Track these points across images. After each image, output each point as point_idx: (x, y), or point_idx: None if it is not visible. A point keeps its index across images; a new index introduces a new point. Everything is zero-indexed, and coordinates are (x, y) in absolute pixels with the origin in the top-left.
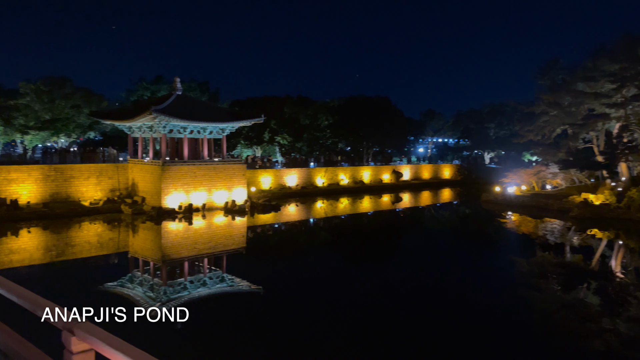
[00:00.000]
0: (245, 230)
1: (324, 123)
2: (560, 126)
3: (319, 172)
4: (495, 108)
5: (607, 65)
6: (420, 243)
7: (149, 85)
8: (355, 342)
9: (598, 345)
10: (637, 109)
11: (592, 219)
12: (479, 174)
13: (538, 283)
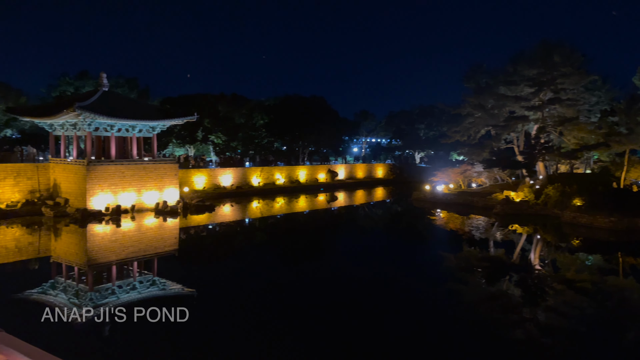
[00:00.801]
0: (178, 232)
1: (260, 122)
2: (485, 127)
3: (254, 172)
4: (424, 109)
5: (526, 70)
6: (355, 241)
7: (73, 80)
8: (290, 342)
9: (519, 334)
10: (553, 112)
11: (513, 215)
12: (410, 173)
13: (465, 277)
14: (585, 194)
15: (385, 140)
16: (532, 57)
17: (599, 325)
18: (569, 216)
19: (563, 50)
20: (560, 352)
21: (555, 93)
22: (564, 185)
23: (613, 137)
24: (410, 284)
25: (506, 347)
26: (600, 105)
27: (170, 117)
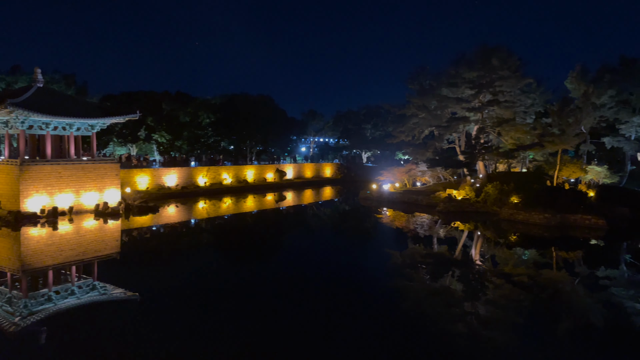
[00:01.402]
0: (119, 234)
1: (206, 121)
2: (428, 128)
3: (200, 172)
4: (371, 110)
5: (467, 73)
6: (303, 240)
7: (4, 76)
8: (236, 344)
9: (461, 328)
10: (491, 113)
11: (455, 212)
12: (358, 172)
13: (410, 273)
14: (521, 192)
15: (333, 140)
16: (472, 60)
17: (535, 316)
18: (506, 213)
19: (501, 54)
20: (500, 343)
21: (494, 95)
22: (502, 184)
23: (547, 138)
24: (357, 281)
25: (449, 341)
26: (535, 107)
27: (110, 115)
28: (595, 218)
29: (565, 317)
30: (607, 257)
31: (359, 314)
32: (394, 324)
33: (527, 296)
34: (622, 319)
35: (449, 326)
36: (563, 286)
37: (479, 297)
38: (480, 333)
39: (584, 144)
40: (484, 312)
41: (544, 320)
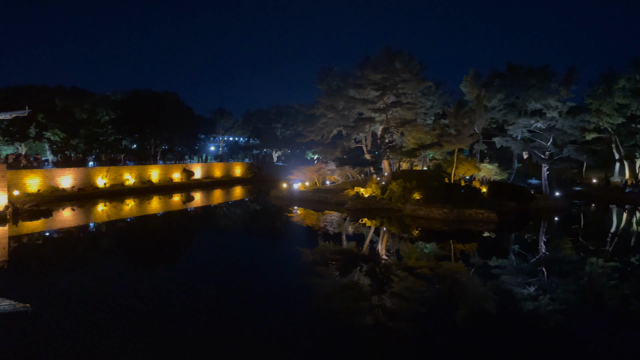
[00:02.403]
0: (7, 241)
1: (105, 118)
2: (337, 127)
3: (99, 172)
4: (281, 109)
5: (372, 75)
6: (212, 241)
7: None
8: (140, 354)
9: (369, 321)
10: (395, 114)
11: (363, 209)
12: (268, 171)
13: (320, 270)
14: (423, 189)
15: (243, 139)
16: (376, 62)
17: (436, 306)
18: (410, 209)
19: (403, 57)
20: (405, 333)
21: (397, 97)
22: (405, 181)
23: (444, 138)
24: (269, 280)
25: (358, 333)
26: (434, 109)
27: None
28: (488, 212)
29: (462, 305)
30: (498, 248)
31: (269, 312)
32: (305, 320)
33: (428, 287)
34: (512, 304)
35: (357, 319)
36: (460, 276)
37: (385, 290)
38: (387, 324)
39: (477, 144)
40: (390, 305)
41: (444, 309)
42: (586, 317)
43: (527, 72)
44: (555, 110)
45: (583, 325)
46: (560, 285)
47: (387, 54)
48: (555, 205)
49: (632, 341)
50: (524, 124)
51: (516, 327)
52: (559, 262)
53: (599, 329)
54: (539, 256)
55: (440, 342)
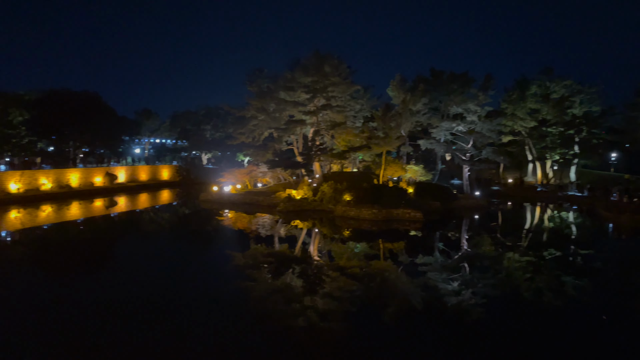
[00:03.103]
0: None
1: (18, 119)
2: (268, 130)
3: (12, 177)
4: (210, 110)
5: (302, 77)
6: (139, 247)
7: None
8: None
9: (302, 322)
10: (325, 117)
11: (295, 211)
12: (198, 174)
13: (252, 273)
14: (353, 190)
15: (170, 141)
16: (307, 65)
17: (366, 305)
18: (340, 210)
19: (332, 61)
20: (336, 333)
21: (327, 100)
22: (336, 183)
23: (373, 140)
24: (199, 285)
25: (290, 335)
26: (363, 112)
27: None
28: (414, 211)
29: (391, 302)
30: (424, 246)
31: (200, 318)
32: (237, 325)
33: (359, 286)
34: (437, 299)
35: (290, 321)
36: (389, 274)
37: (317, 291)
38: (319, 325)
39: (404, 146)
40: (321, 305)
41: (374, 307)
42: (504, 309)
43: (449, 77)
44: (474, 114)
45: (502, 317)
46: (481, 280)
47: (316, 57)
48: (475, 204)
49: (546, 330)
50: (446, 127)
51: (441, 321)
52: (479, 258)
53: (516, 320)
54: (461, 253)
55: (371, 339)
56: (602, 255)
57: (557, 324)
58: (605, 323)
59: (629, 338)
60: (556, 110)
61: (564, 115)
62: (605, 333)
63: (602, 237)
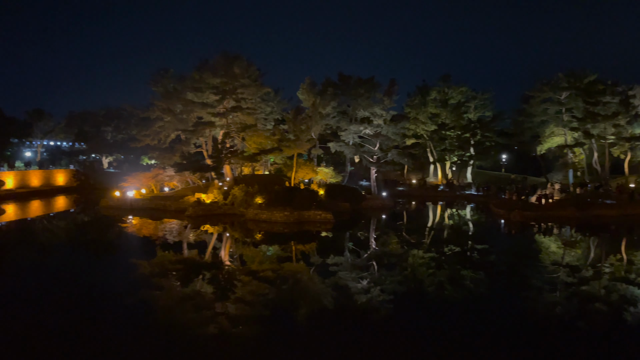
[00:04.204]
0: None
1: None
2: (175, 132)
3: None
4: (111, 111)
5: (211, 79)
6: (29, 260)
7: None
8: None
9: (212, 329)
10: (235, 119)
11: (205, 216)
12: (98, 179)
13: (159, 282)
14: (264, 193)
15: (67, 144)
16: (215, 66)
17: (279, 307)
18: (252, 213)
19: (241, 62)
20: (248, 338)
21: (237, 102)
22: (247, 186)
23: (284, 143)
24: (101, 297)
25: (201, 344)
26: (274, 114)
27: None
28: (325, 213)
29: (304, 303)
30: (335, 246)
31: (101, 333)
32: (143, 336)
33: (271, 290)
34: (348, 298)
35: (200, 329)
36: (301, 276)
37: (228, 297)
38: (230, 331)
39: (314, 149)
40: (233, 311)
41: (287, 309)
42: (410, 304)
43: (356, 82)
44: (380, 118)
45: (409, 312)
46: (389, 277)
47: (225, 58)
48: (382, 204)
49: (448, 321)
50: (354, 130)
51: (352, 319)
52: (387, 256)
53: (422, 314)
54: (370, 251)
55: (284, 342)
56: (495, 249)
57: (458, 315)
58: (500, 311)
59: (520, 324)
60: (454, 115)
61: (461, 120)
62: (501, 321)
63: (495, 233)
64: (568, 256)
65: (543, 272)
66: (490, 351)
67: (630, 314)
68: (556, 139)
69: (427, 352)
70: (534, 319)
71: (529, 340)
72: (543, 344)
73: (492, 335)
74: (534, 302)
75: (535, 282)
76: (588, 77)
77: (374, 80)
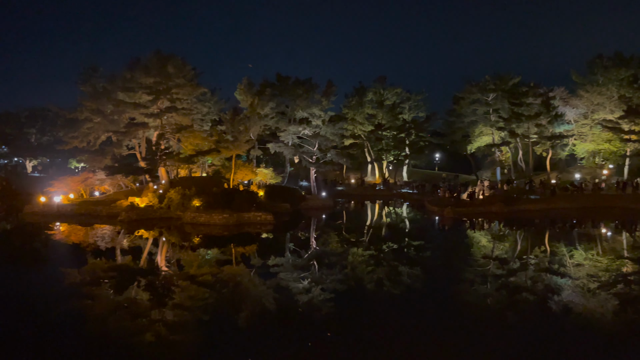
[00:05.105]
0: None
1: None
2: (105, 133)
3: None
4: (35, 112)
5: (143, 78)
6: None
7: None
8: None
9: (149, 337)
10: (170, 120)
11: (139, 220)
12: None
13: (91, 291)
14: (202, 195)
15: None
16: (148, 65)
17: (219, 312)
18: (189, 216)
19: (176, 62)
20: (187, 345)
21: (172, 102)
22: (184, 188)
23: (222, 144)
24: (27, 308)
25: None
26: (211, 115)
27: None
28: (265, 214)
29: (244, 306)
30: (276, 247)
31: (28, 346)
32: (75, 346)
33: (211, 294)
34: (289, 298)
35: (136, 338)
36: (242, 279)
37: (166, 303)
38: (168, 338)
39: (253, 150)
40: (171, 317)
41: (227, 313)
42: (351, 301)
43: (294, 83)
44: (319, 119)
45: (349, 310)
46: (329, 276)
47: (158, 57)
48: (322, 204)
49: (388, 317)
50: (293, 130)
51: (294, 320)
52: (327, 255)
53: (362, 311)
54: (310, 251)
55: (224, 347)
56: (431, 245)
57: (397, 310)
58: (436, 304)
59: (455, 316)
60: (389, 116)
61: (396, 120)
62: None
63: (430, 229)
64: (497, 249)
65: (475, 266)
66: (427, 343)
67: (554, 302)
68: (485, 138)
69: (368, 347)
70: (467, 310)
71: (463, 330)
72: (476, 334)
73: (430, 327)
74: (467, 295)
75: (468, 275)
76: (512, 80)
77: (312, 81)
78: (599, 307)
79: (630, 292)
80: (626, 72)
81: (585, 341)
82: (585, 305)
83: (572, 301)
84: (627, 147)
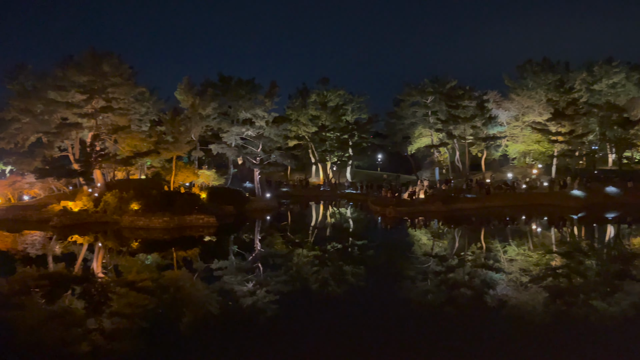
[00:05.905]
0: None
1: None
2: (35, 134)
3: None
4: None
5: (76, 76)
6: None
7: None
8: None
9: (85, 347)
10: (106, 120)
11: (73, 225)
12: None
13: (21, 300)
14: (141, 198)
15: None
16: (81, 63)
17: (158, 319)
18: (127, 220)
19: (112, 60)
20: (126, 352)
21: (107, 102)
22: (121, 191)
23: (162, 145)
24: None
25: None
26: (150, 115)
27: None
28: (208, 217)
29: (186, 312)
30: (219, 251)
31: None
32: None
33: (151, 300)
34: (233, 302)
35: (71, 348)
36: (184, 283)
37: (103, 311)
38: (106, 347)
39: (195, 151)
40: (109, 325)
41: (168, 319)
42: (295, 303)
43: (236, 83)
44: (262, 120)
45: (294, 311)
46: (274, 278)
47: (92, 55)
48: (267, 206)
49: (333, 317)
50: (236, 131)
51: (238, 323)
52: (272, 257)
53: (307, 312)
54: (255, 253)
55: (164, 355)
56: (373, 244)
57: (341, 309)
58: (379, 302)
59: (397, 312)
60: (333, 117)
61: (340, 122)
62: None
63: (373, 228)
64: (437, 247)
65: (416, 263)
66: (372, 339)
67: (490, 296)
68: (424, 140)
69: (314, 347)
70: (409, 306)
71: (405, 326)
72: (417, 329)
73: (373, 324)
74: (408, 291)
75: (409, 272)
76: (449, 83)
77: (255, 82)
78: (531, 299)
79: (558, 285)
80: (553, 76)
81: (518, 332)
82: (518, 298)
83: (506, 295)
84: (554, 148)
